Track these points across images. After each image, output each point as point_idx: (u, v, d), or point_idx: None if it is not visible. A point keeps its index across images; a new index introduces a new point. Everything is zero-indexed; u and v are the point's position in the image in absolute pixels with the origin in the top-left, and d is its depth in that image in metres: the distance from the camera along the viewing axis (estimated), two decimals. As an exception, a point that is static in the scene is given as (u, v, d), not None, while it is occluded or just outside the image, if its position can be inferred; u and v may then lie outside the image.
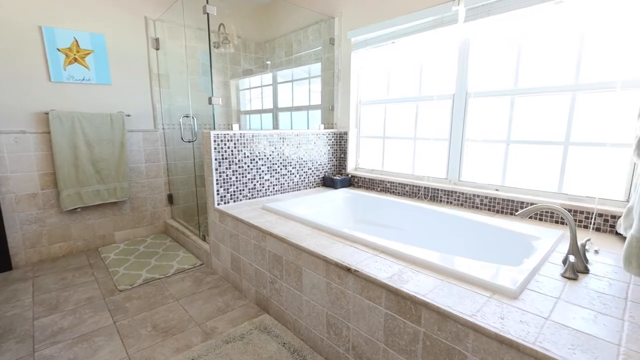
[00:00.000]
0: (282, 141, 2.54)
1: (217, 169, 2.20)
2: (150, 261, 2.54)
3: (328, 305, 1.43)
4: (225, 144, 2.21)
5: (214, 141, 2.16)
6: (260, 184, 2.45)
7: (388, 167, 2.73)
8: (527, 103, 1.93)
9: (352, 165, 2.94)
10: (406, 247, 1.38)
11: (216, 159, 2.18)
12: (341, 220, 2.47)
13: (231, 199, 2.30)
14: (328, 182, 2.85)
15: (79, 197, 2.64)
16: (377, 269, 1.25)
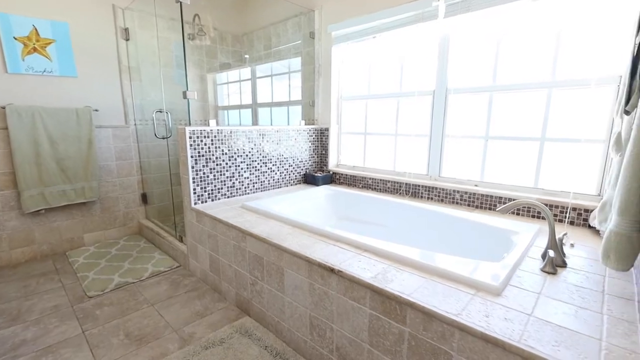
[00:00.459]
0: (262, 137, 2.47)
1: (194, 167, 2.10)
2: (123, 264, 2.41)
3: (311, 306, 1.39)
4: (201, 141, 2.11)
5: (190, 137, 2.06)
6: (239, 182, 2.37)
7: (370, 164, 2.72)
8: (505, 100, 1.96)
9: (334, 162, 2.91)
10: (389, 245, 1.36)
11: (192, 157, 2.08)
12: (323, 218, 2.43)
13: (209, 198, 2.21)
14: (309, 179, 2.81)
15: (43, 198, 2.46)
16: (361, 269, 1.22)
